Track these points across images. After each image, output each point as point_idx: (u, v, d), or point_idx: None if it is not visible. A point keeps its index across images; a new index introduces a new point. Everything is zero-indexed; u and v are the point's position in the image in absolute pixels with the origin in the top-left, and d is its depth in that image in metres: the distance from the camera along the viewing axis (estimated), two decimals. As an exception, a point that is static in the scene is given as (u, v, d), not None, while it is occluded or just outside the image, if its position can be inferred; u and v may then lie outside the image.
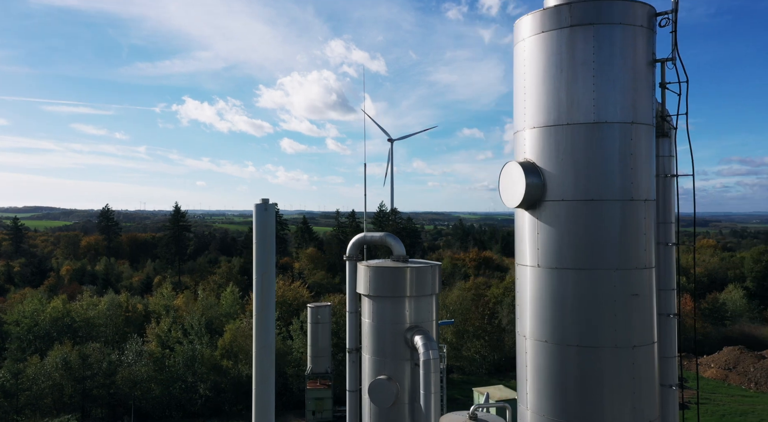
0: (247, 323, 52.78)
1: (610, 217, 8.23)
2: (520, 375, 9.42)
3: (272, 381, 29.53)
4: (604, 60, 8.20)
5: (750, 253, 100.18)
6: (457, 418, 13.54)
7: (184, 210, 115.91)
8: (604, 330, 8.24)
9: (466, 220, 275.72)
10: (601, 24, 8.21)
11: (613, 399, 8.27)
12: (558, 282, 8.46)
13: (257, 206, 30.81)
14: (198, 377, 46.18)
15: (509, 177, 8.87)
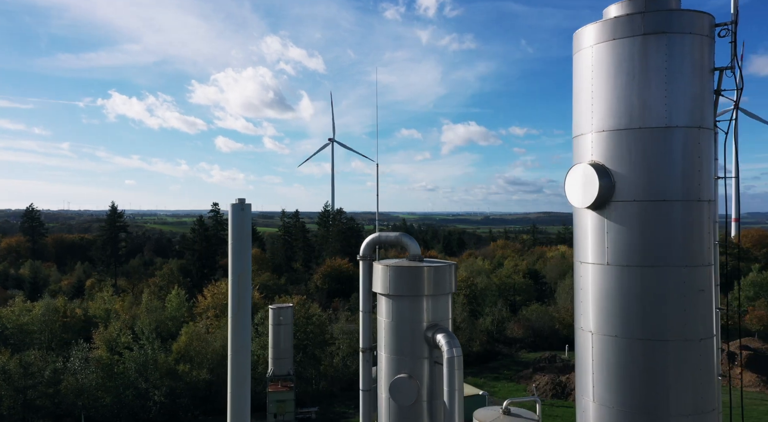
0: (203, 326, 51.18)
1: (679, 217, 8.68)
2: (581, 369, 9.74)
3: (248, 384, 28.86)
4: (675, 67, 8.64)
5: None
6: (491, 413, 13.85)
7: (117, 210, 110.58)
8: (674, 324, 8.68)
9: (406, 220, 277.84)
10: (673, 33, 8.65)
11: (680, 389, 8.72)
12: (628, 279, 8.83)
13: (233, 206, 29.94)
14: (151, 383, 44.37)
15: (578, 178, 9.17)
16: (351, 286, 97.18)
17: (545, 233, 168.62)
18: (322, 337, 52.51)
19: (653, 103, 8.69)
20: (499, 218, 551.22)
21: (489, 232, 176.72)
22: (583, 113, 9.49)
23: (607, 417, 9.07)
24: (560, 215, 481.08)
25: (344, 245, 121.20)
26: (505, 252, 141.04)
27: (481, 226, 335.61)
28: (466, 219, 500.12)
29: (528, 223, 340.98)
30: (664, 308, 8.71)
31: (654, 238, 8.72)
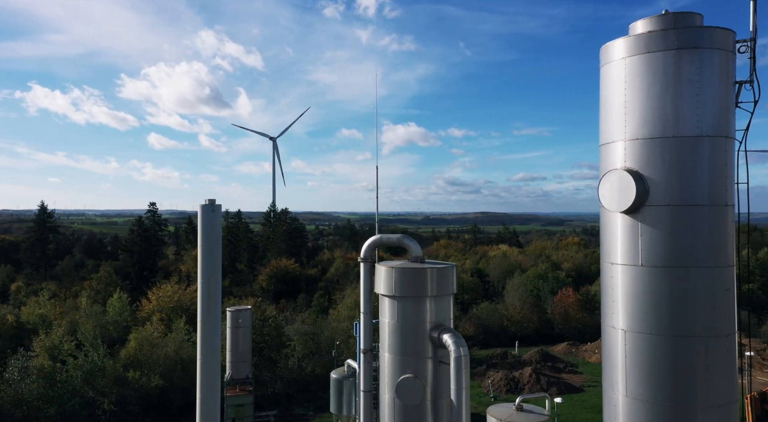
0: (154, 330, 49.39)
1: (708, 220, 9.29)
2: (610, 364, 10.21)
3: (218, 388, 28.08)
4: (705, 80, 9.24)
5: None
6: (504, 410, 14.22)
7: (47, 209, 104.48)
8: (704, 321, 9.28)
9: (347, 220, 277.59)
10: (704, 48, 9.25)
11: (707, 382, 9.33)
12: (662, 279, 9.36)
13: (204, 207, 29.18)
14: (99, 391, 42.39)
15: (614, 183, 9.63)
16: (297, 287, 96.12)
17: (485, 233, 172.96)
18: (278, 339, 51.82)
19: (686, 113, 9.25)
20: (438, 218, 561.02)
21: (432, 232, 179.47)
22: (614, 122, 9.96)
23: (641, 410, 9.57)
24: (497, 215, 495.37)
25: (290, 245, 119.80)
26: (448, 251, 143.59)
27: (421, 226, 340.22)
28: (407, 219, 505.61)
29: (467, 223, 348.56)
30: (694, 306, 9.29)
31: (685, 241, 9.29)
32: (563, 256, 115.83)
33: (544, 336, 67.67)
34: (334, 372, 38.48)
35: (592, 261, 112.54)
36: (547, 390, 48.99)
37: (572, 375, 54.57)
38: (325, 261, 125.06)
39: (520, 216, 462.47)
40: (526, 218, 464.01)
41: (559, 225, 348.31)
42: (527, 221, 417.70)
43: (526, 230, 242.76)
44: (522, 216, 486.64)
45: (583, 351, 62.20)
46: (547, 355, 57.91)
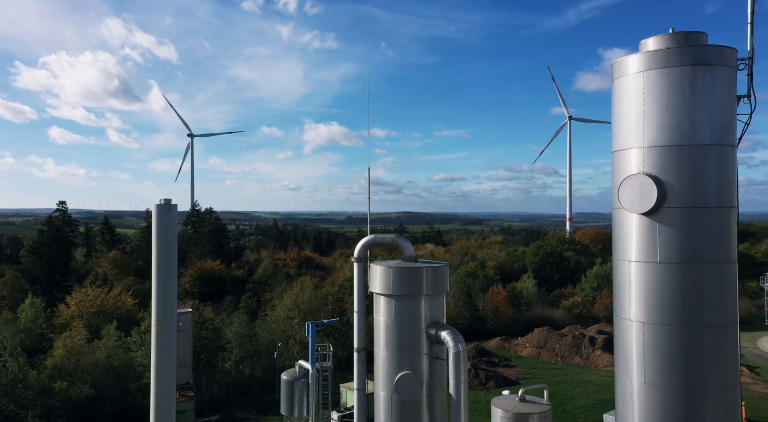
0: (83, 337, 46.50)
1: (717, 221, 10.28)
2: (623, 354, 11.03)
3: (174, 395, 27.24)
4: (717, 93, 10.23)
5: (530, 248, 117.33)
6: (509, 401, 14.81)
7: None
8: (715, 312, 10.27)
9: (269, 220, 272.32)
10: (715, 65, 10.22)
11: (717, 368, 10.33)
12: (679, 275, 10.26)
13: (158, 207, 28.20)
14: (21, 404, 39.39)
15: (635, 187, 10.43)
16: (223, 289, 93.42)
17: (410, 232, 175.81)
18: (218, 343, 50.32)
19: (700, 123, 10.19)
20: (361, 217, 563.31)
21: (358, 232, 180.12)
22: (631, 130, 10.78)
23: (658, 395, 10.42)
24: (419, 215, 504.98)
25: (214, 246, 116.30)
26: (375, 250, 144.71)
27: (344, 226, 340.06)
28: (330, 219, 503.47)
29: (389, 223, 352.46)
30: (705, 299, 10.26)
31: (699, 240, 10.23)
32: (487, 255, 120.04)
33: (477, 332, 69.94)
34: (285, 374, 37.93)
35: (515, 260, 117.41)
36: (485, 384, 50.84)
37: (507, 368, 56.94)
38: (252, 262, 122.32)
39: (440, 216, 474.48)
40: (446, 218, 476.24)
41: (477, 225, 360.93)
42: (448, 221, 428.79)
43: (447, 229, 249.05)
44: (443, 215, 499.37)
45: (514, 346, 64.98)
46: (483, 350, 60.03)
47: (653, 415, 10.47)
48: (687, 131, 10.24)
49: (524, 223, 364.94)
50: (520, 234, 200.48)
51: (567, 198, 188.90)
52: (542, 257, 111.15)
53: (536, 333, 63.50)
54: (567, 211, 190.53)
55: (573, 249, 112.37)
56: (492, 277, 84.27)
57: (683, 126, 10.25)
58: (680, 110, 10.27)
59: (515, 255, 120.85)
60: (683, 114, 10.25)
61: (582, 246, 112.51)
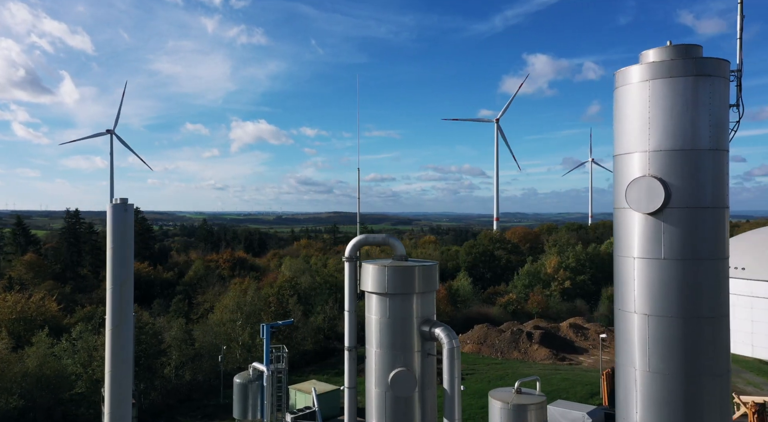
0: (6, 346, 43.36)
1: (715, 220, 11.19)
2: (626, 345, 11.76)
3: (129, 403, 26.31)
4: (716, 102, 11.13)
5: (463, 247, 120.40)
6: (506, 393, 15.29)
7: None
8: (713, 304, 11.17)
9: (194, 220, 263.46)
10: (714, 76, 11.12)
11: (712, 355, 11.24)
12: (681, 269, 11.08)
13: (114, 207, 27.10)
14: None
15: (643, 188, 11.16)
16: (151, 292, 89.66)
17: (343, 232, 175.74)
18: (158, 347, 48.28)
19: (701, 129, 11.05)
20: (291, 217, 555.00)
21: (291, 232, 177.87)
22: (635, 135, 11.52)
23: (661, 382, 11.20)
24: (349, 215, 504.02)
25: (140, 247, 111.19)
26: (309, 251, 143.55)
27: (274, 226, 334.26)
28: (259, 219, 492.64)
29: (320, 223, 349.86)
30: (705, 292, 11.13)
31: (700, 237, 11.09)
32: (422, 254, 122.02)
33: (419, 330, 71.02)
34: (238, 377, 37.05)
35: (448, 259, 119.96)
36: (431, 381, 51.87)
37: (450, 365, 58.22)
38: (182, 264, 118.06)
39: (371, 216, 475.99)
40: (376, 218, 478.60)
41: (407, 225, 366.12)
42: (378, 220, 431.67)
43: (378, 229, 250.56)
44: (373, 215, 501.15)
45: (456, 342, 66.48)
46: (426, 348, 61.03)
47: (657, 401, 11.23)
48: (690, 137, 11.07)
49: (452, 223, 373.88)
50: (450, 234, 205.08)
51: (494, 198, 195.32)
52: (475, 256, 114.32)
53: (476, 330, 65.34)
54: (494, 211, 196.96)
55: (504, 249, 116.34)
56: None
57: (686, 132, 11.07)
58: (683, 117, 11.08)
59: (449, 255, 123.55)
60: (686, 120, 11.07)
61: (512, 246, 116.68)
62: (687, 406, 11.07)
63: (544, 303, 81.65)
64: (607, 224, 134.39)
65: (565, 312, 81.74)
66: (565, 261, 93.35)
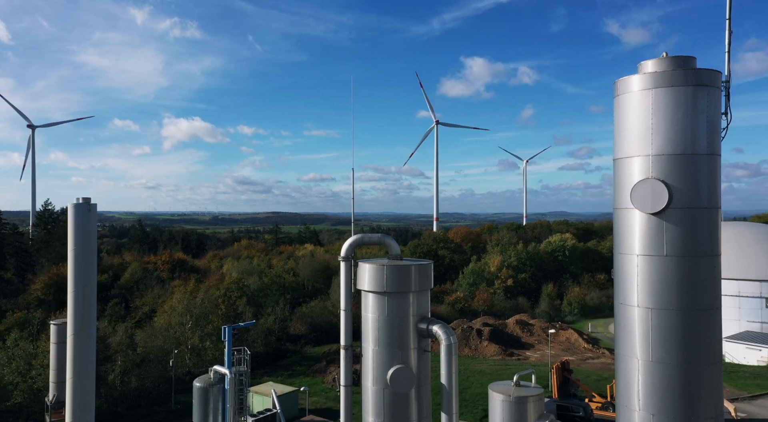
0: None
1: (710, 220, 12.09)
2: (627, 337, 12.52)
3: (92, 411, 25.56)
4: (711, 110, 12.04)
5: (407, 247, 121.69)
6: (505, 386, 15.80)
7: None
8: (708, 297, 12.05)
9: (124, 220, 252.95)
10: (711, 86, 12.03)
11: (709, 345, 12.12)
12: (681, 265, 11.90)
13: (76, 207, 26.29)
14: None
15: (648, 190, 11.93)
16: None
17: (285, 232, 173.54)
18: (105, 353, 46.11)
19: (699, 135, 11.92)
20: (228, 218, 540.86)
21: (231, 232, 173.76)
22: (636, 140, 12.29)
23: (662, 371, 11.99)
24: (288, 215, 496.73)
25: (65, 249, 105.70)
26: (251, 251, 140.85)
27: (210, 226, 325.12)
28: (194, 219, 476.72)
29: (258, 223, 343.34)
30: (702, 286, 12.01)
31: (697, 235, 11.95)
32: (367, 254, 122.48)
33: (370, 329, 71.28)
34: (198, 381, 36.14)
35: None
36: (387, 380, 52.21)
37: (404, 363, 58.78)
38: (116, 266, 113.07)
39: (310, 216, 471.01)
40: (316, 218, 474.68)
41: (348, 225, 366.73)
42: (318, 221, 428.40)
43: (318, 229, 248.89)
44: (313, 215, 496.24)
45: (407, 341, 67.14)
46: (379, 347, 61.40)
47: (659, 388, 12.02)
48: (689, 142, 11.92)
49: (392, 223, 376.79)
50: (391, 234, 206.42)
51: (434, 199, 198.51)
52: (419, 255, 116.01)
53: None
54: (434, 211, 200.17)
55: (447, 248, 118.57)
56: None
57: (686, 137, 11.92)
58: (684, 123, 11.92)
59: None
60: (686, 127, 11.92)
61: (455, 245, 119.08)
62: (686, 392, 11.92)
63: (490, 300, 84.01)
64: (543, 224, 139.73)
65: (509, 309, 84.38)
66: (508, 260, 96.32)
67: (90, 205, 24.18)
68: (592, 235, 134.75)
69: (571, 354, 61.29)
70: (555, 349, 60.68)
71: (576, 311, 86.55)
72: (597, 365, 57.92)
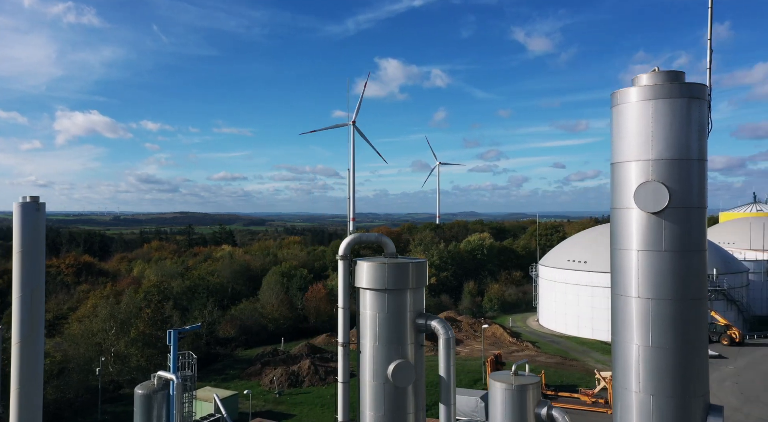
0: None
1: (701, 218, 13.51)
2: (624, 324, 13.71)
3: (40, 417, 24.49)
4: (702, 121, 13.45)
5: (330, 247, 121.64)
6: (504, 375, 16.61)
7: None
8: (699, 288, 13.43)
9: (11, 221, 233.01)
10: (701, 98, 13.45)
11: (699, 331, 13.53)
12: (678, 259, 13.20)
13: (23, 205, 25.21)
14: None
15: (649, 192, 13.17)
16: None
17: (198, 233, 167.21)
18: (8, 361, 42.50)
19: (692, 142, 13.28)
20: (131, 218, 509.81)
21: (140, 233, 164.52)
22: (634, 146, 13.53)
23: (663, 355, 13.24)
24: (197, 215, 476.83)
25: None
26: (162, 253, 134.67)
27: (111, 227, 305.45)
28: (92, 220, 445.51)
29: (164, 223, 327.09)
30: (694, 278, 13.37)
31: (692, 232, 13.31)
32: (288, 254, 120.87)
33: (302, 330, 70.48)
34: (140, 387, 34.59)
35: (315, 258, 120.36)
36: (325, 379, 52.00)
37: (339, 363, 58.73)
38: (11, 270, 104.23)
39: (221, 216, 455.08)
40: (227, 218, 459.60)
41: (261, 225, 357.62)
42: (229, 221, 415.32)
43: (231, 229, 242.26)
44: (224, 216, 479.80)
45: (340, 341, 66.96)
46: (314, 348, 60.86)
47: (659, 371, 13.28)
48: (684, 148, 13.24)
49: (307, 223, 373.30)
50: (308, 235, 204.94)
51: (351, 199, 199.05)
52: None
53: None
54: (350, 211, 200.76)
55: (369, 248, 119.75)
56: (306, 276, 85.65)
57: (682, 144, 13.24)
58: (680, 132, 13.23)
59: (315, 255, 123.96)
60: (682, 134, 13.24)
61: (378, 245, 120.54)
62: (682, 373, 13.25)
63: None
64: (461, 224, 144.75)
65: (433, 307, 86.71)
66: (430, 259, 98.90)
67: (39, 204, 22.51)
68: (504, 234, 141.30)
69: (498, 348, 64.20)
70: (484, 344, 63.34)
71: (496, 307, 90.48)
72: (522, 358, 61.15)
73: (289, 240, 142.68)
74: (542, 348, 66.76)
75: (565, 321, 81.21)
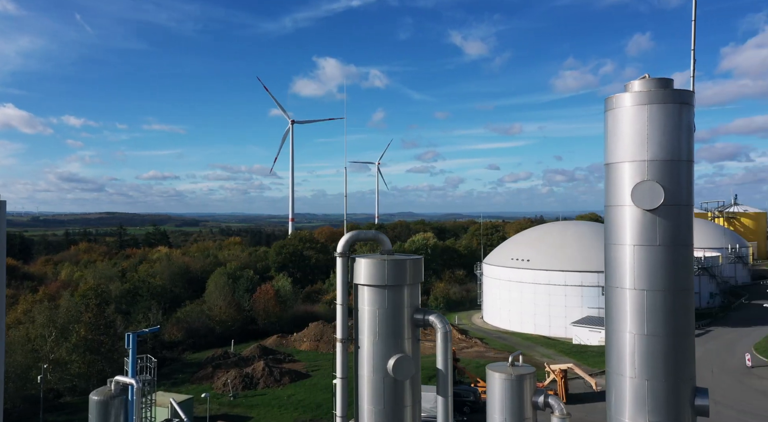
0: None
1: (688, 215, 14.57)
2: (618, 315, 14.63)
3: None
4: (690, 124, 14.50)
5: (273, 248, 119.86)
6: (501, 366, 17.14)
7: None
8: (688, 279, 14.53)
9: None
10: (689, 104, 14.52)
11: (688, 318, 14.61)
12: (670, 253, 14.20)
13: None
14: None
15: (646, 190, 14.09)
16: None
17: (131, 234, 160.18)
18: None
19: (683, 144, 14.32)
20: (51, 218, 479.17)
21: (66, 235, 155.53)
22: (632, 147, 14.43)
23: (656, 343, 14.19)
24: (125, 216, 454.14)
25: None
26: (92, 256, 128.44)
27: (30, 228, 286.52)
28: (9, 220, 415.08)
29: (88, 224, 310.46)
30: (685, 270, 14.43)
31: (682, 228, 14.35)
32: (229, 255, 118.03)
33: (251, 332, 68.99)
34: (95, 394, 33.15)
35: (257, 260, 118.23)
36: (280, 381, 51.24)
37: (293, 363, 57.96)
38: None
39: (151, 217, 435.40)
40: (158, 219, 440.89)
41: (194, 226, 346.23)
42: (160, 222, 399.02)
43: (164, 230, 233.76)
44: (154, 216, 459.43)
45: (292, 342, 66.22)
46: (265, 349, 59.79)
47: (653, 357, 14.23)
48: (676, 150, 14.25)
49: (243, 224, 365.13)
50: (246, 236, 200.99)
51: (290, 199, 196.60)
52: (285, 256, 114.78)
53: (312, 328, 66.20)
54: (290, 211, 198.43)
55: (313, 248, 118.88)
56: (252, 278, 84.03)
57: (674, 146, 14.24)
58: (672, 134, 14.23)
59: (257, 255, 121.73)
60: (674, 137, 14.24)
61: (321, 245, 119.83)
62: (673, 359, 14.24)
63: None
64: (403, 224, 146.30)
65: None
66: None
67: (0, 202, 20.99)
68: (446, 234, 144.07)
69: (447, 345, 65.53)
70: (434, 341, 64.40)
71: (442, 305, 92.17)
72: (472, 354, 62.64)
73: (229, 241, 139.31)
74: (490, 344, 68.70)
75: (509, 318, 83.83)
